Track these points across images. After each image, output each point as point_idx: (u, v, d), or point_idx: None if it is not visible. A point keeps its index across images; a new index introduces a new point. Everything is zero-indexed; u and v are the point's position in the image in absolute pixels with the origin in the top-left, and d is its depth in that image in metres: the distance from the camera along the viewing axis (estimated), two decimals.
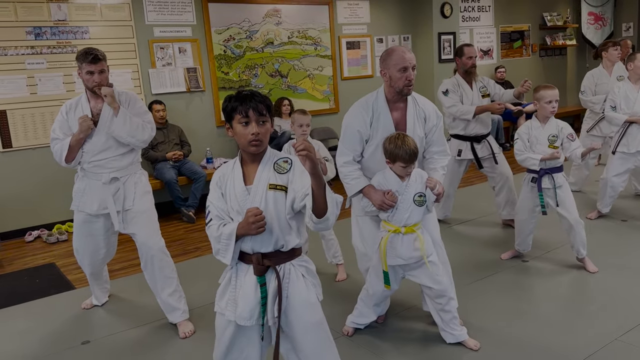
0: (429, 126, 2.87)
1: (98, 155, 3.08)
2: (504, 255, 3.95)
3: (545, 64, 9.53)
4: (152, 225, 3.18)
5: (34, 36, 5.19)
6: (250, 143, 1.89)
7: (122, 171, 3.13)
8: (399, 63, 2.72)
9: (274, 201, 1.90)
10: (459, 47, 4.46)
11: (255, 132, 1.87)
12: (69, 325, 3.34)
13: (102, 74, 3.01)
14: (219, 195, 1.97)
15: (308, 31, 6.88)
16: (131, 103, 3.13)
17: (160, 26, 5.83)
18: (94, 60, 2.97)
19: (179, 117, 6.00)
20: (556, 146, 3.52)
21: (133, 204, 3.14)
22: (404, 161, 2.58)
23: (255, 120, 1.89)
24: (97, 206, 3.14)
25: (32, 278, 4.22)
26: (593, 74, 5.31)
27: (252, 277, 1.94)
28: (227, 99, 1.95)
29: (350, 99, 7.39)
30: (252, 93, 1.91)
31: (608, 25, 9.71)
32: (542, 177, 3.55)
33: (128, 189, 3.14)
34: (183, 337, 3.07)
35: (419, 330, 2.99)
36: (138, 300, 3.62)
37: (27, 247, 5.02)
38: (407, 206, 2.65)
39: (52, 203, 5.38)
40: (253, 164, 1.96)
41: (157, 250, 3.12)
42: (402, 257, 2.69)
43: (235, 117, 1.90)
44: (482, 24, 8.59)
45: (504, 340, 2.84)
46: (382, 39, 7.58)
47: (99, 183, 3.11)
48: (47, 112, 5.31)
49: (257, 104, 1.88)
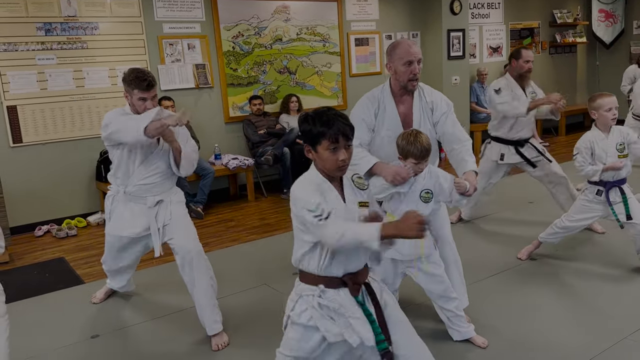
0: (437, 115, 2.81)
1: (146, 179, 2.98)
2: (522, 255, 3.88)
3: (555, 62, 9.46)
4: (190, 228, 3.09)
5: (44, 32, 5.22)
6: (338, 168, 1.86)
7: (166, 194, 3.05)
8: (403, 56, 2.70)
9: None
10: (517, 49, 4.31)
11: (344, 158, 1.83)
12: (78, 319, 3.37)
13: (154, 99, 2.90)
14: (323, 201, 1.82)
15: (317, 28, 6.87)
16: (181, 137, 3.01)
17: (169, 22, 5.85)
18: (149, 88, 2.84)
19: None
20: (625, 154, 3.40)
21: (171, 215, 3.05)
22: (415, 157, 2.56)
23: (344, 146, 1.83)
24: (141, 229, 3.04)
25: (41, 272, 4.25)
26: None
27: (350, 299, 1.89)
28: (308, 119, 1.84)
29: (359, 96, 7.36)
30: (335, 114, 1.83)
31: (619, 22, 9.62)
32: (609, 191, 3.42)
33: (166, 206, 3.05)
34: (215, 350, 2.91)
35: (426, 327, 2.99)
36: (147, 295, 3.64)
37: (37, 242, 5.05)
38: (412, 200, 2.63)
39: (61, 198, 5.41)
40: (336, 181, 1.92)
41: (196, 253, 2.99)
42: (401, 252, 2.67)
43: (322, 142, 1.82)
44: (492, 21, 8.54)
45: (512, 338, 2.83)
46: (390, 36, 7.56)
47: (144, 207, 3.01)
48: (57, 108, 5.34)
49: (345, 127, 1.81)
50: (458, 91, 7.72)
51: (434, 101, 2.82)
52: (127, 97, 2.90)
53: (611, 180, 3.43)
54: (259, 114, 6.27)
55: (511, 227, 4.61)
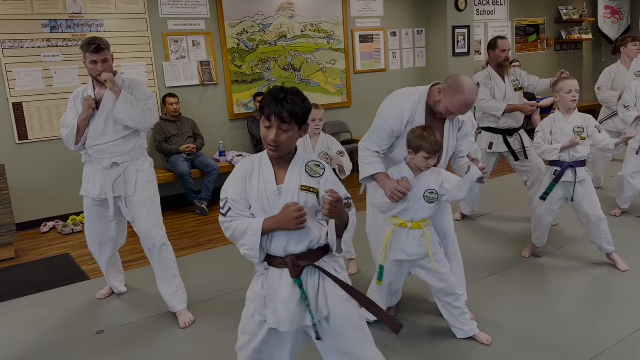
0: (462, 134, 2.85)
1: (99, 139, 3.13)
2: (525, 253, 3.90)
3: (560, 59, 9.42)
4: (153, 215, 3.22)
5: (49, 29, 5.24)
6: (268, 147, 1.86)
7: (124, 157, 3.17)
8: (454, 107, 2.59)
9: (305, 202, 1.84)
10: (493, 39, 4.37)
11: (273, 138, 1.81)
12: (83, 315, 3.39)
13: (106, 63, 3.06)
14: (241, 190, 1.88)
15: (321, 24, 6.86)
16: (135, 88, 3.17)
17: (174, 19, 5.86)
18: (97, 50, 3.03)
19: (192, 110, 6.03)
20: (583, 137, 3.45)
21: (135, 192, 3.18)
22: (427, 152, 2.53)
23: (277, 126, 1.81)
24: (99, 191, 3.19)
25: (47, 268, 4.28)
26: (610, 70, 5.22)
27: (287, 281, 1.88)
28: (269, 92, 1.86)
29: (363, 93, 7.43)
30: (284, 97, 1.81)
31: (625, 19, 9.57)
32: (565, 170, 3.49)
33: (129, 175, 3.18)
34: (183, 327, 3.12)
35: (430, 324, 2.99)
36: (152, 291, 3.64)
37: (43, 238, 5.08)
38: (416, 201, 2.62)
39: (66, 194, 5.43)
40: (282, 163, 1.90)
41: (158, 241, 3.19)
42: (407, 252, 2.67)
43: (262, 116, 1.85)
44: (497, 18, 8.51)
45: (516, 335, 2.83)
46: (395, 32, 7.54)
47: (100, 168, 3.17)
48: (63, 105, 5.36)
49: (282, 110, 1.79)
50: None
51: (464, 121, 2.83)
52: (84, 62, 3.11)
53: (568, 160, 3.48)
54: None
55: (514, 224, 4.61)
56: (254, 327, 1.97)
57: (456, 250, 2.93)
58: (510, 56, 4.41)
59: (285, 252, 1.87)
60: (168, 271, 3.24)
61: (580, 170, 3.50)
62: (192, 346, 2.96)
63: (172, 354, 2.90)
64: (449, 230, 2.88)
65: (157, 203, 3.28)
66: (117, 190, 3.19)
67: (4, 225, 4.42)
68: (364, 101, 7.36)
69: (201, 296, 3.49)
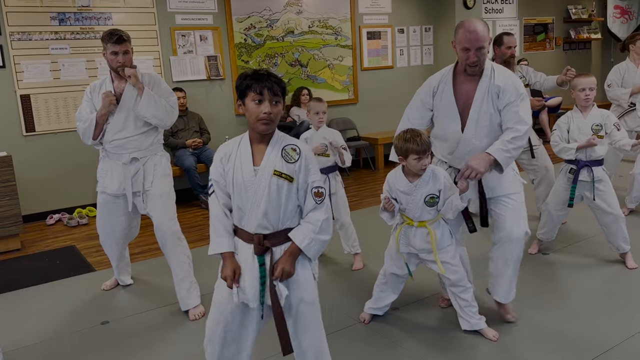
0: (503, 102, 2.62)
1: (118, 134, 3.11)
2: (532, 250, 3.87)
3: (569, 58, 9.36)
4: (168, 208, 3.20)
5: (58, 22, 5.25)
6: (261, 121, 1.89)
7: (143, 152, 3.16)
8: (461, 42, 2.58)
9: (277, 187, 1.90)
10: (499, 35, 4.32)
11: (268, 111, 1.88)
12: (89, 306, 3.39)
13: (127, 55, 3.05)
14: (221, 173, 1.98)
15: (329, 21, 6.85)
16: (155, 84, 3.15)
17: (182, 14, 5.86)
18: (119, 41, 3.01)
19: (199, 104, 6.03)
20: (601, 135, 3.39)
21: (152, 186, 3.17)
22: (416, 152, 2.50)
23: (269, 99, 1.88)
24: (117, 186, 3.18)
25: (52, 260, 4.29)
26: (620, 68, 5.19)
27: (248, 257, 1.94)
28: (242, 76, 1.93)
29: (370, 90, 7.41)
30: (268, 73, 1.92)
31: (634, 19, 9.50)
32: (580, 170, 3.43)
33: (147, 170, 3.17)
34: (193, 319, 3.11)
35: (436, 318, 2.98)
36: (158, 283, 3.65)
37: (48, 230, 5.09)
38: (416, 207, 2.62)
39: (73, 187, 5.45)
40: (261, 144, 1.95)
41: (170, 235, 3.15)
42: (414, 247, 2.71)
43: (249, 94, 1.90)
44: (506, 16, 8.46)
45: (523, 331, 2.81)
46: (403, 30, 7.52)
47: (119, 163, 3.15)
48: (70, 97, 5.37)
49: (273, 84, 1.89)
50: None
51: (502, 87, 2.61)
52: (104, 54, 3.08)
53: (584, 159, 3.43)
54: None
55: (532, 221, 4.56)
56: (223, 299, 2.00)
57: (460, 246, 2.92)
58: (515, 53, 4.36)
59: (256, 230, 1.93)
60: (182, 266, 3.19)
61: (597, 170, 3.44)
62: (196, 337, 2.95)
63: (177, 344, 2.89)
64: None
65: (173, 197, 3.26)
66: (135, 186, 3.17)
67: (10, 216, 4.43)
68: (371, 98, 7.35)
69: (208, 289, 3.47)
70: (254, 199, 1.90)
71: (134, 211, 3.30)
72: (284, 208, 1.92)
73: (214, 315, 2.05)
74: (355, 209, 5.18)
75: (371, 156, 7.19)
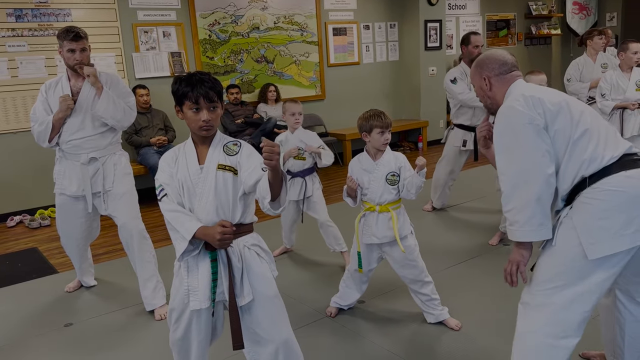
0: None
1: (75, 134, 3.05)
2: (493, 241, 3.96)
3: (530, 53, 9.59)
4: (131, 207, 3.16)
5: (14, 18, 5.10)
6: (201, 128, 1.91)
7: (101, 151, 3.11)
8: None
9: (223, 181, 1.93)
10: (466, 35, 4.40)
11: (206, 119, 1.89)
12: (52, 308, 3.33)
13: (84, 52, 2.98)
14: (170, 175, 1.97)
15: (294, 17, 6.84)
16: (113, 84, 3.09)
17: (144, 9, 5.77)
18: (76, 38, 2.94)
19: (163, 102, 5.95)
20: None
21: (113, 186, 3.13)
22: (379, 127, 2.66)
23: (206, 107, 1.89)
24: (77, 187, 3.12)
25: (14, 262, 4.18)
26: (578, 62, 5.35)
27: (199, 255, 1.95)
28: (176, 81, 1.92)
29: (337, 86, 7.44)
30: (202, 78, 1.89)
31: (592, 14, 9.79)
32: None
33: (107, 170, 3.12)
34: (159, 319, 3.07)
35: (401, 310, 3.03)
36: (122, 284, 3.61)
37: (9, 232, 4.96)
38: (378, 185, 2.69)
39: (34, 188, 5.32)
40: (204, 145, 1.98)
41: (136, 233, 3.12)
42: (377, 235, 2.72)
43: (185, 102, 1.90)
44: (469, 12, 8.60)
45: (485, 321, 2.88)
46: (368, 26, 7.57)
47: (77, 164, 3.09)
48: (29, 96, 5.23)
49: (208, 90, 1.88)
50: (435, 82, 7.78)
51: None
52: (60, 52, 3.00)
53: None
54: (236, 103, 6.23)
55: (482, 215, 4.68)
56: (179, 304, 2.00)
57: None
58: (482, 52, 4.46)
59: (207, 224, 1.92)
60: (147, 266, 3.15)
61: None
62: (162, 337, 2.93)
63: (142, 345, 2.87)
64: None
65: (135, 196, 3.22)
66: (95, 186, 3.12)
67: None
68: (338, 94, 7.38)
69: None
70: (201, 196, 1.92)
71: (94, 212, 3.24)
72: (233, 201, 1.94)
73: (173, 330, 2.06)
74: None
75: (339, 152, 7.23)
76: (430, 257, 3.33)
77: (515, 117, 1.86)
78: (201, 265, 1.95)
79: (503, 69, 2.05)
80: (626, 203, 1.74)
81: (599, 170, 1.80)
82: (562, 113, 1.85)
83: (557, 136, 1.85)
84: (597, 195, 1.78)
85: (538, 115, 1.84)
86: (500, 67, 2.05)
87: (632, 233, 1.74)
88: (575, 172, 1.83)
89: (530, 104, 1.85)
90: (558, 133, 1.84)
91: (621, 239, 1.73)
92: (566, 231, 1.83)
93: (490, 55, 2.11)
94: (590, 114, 1.91)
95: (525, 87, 1.99)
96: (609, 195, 1.76)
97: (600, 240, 1.74)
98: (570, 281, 1.81)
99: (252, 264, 1.99)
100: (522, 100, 1.86)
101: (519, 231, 1.91)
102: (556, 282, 1.83)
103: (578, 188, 1.83)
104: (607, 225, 1.74)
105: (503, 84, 2.04)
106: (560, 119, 1.85)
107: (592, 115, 1.91)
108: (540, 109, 1.85)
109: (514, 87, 2.02)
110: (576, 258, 1.79)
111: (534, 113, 1.84)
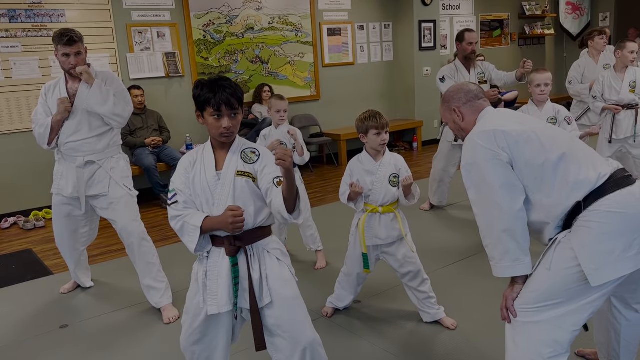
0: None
1: (72, 136, 3.04)
2: None
3: (524, 53, 9.61)
4: (130, 210, 3.15)
5: (8, 19, 5.08)
6: (222, 135, 1.91)
7: (98, 155, 3.09)
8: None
9: (241, 187, 1.92)
10: (460, 32, 4.45)
11: (227, 126, 1.88)
12: (47, 310, 3.32)
13: (79, 56, 2.97)
14: (186, 181, 1.96)
15: (289, 17, 6.84)
16: (109, 81, 3.09)
17: (138, 10, 5.75)
18: (70, 42, 2.92)
19: (157, 102, 5.94)
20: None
21: (109, 190, 3.10)
22: (375, 128, 2.66)
23: (228, 114, 1.88)
24: (72, 189, 3.11)
25: (8, 264, 4.17)
26: (579, 64, 5.32)
27: (219, 260, 1.95)
28: (198, 85, 1.90)
29: (332, 86, 7.44)
30: (223, 84, 1.88)
31: (585, 14, 9.83)
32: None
33: (103, 174, 3.10)
34: (167, 323, 3.04)
35: (397, 310, 3.03)
36: (118, 285, 3.60)
37: (3, 234, 4.94)
38: (382, 186, 2.69)
39: (28, 189, 5.30)
40: (222, 150, 1.97)
41: (137, 236, 3.10)
42: (380, 237, 2.73)
43: (207, 109, 1.89)
44: (463, 12, 8.62)
45: (481, 320, 2.89)
46: (363, 26, 7.58)
47: (73, 166, 3.08)
48: (23, 97, 5.21)
49: (229, 97, 1.87)
50: (429, 82, 7.79)
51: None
52: (56, 55, 2.99)
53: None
54: None
55: None
56: (196, 308, 1.99)
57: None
58: (476, 50, 4.50)
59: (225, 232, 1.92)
60: (151, 267, 3.14)
61: None
62: (158, 338, 2.93)
63: (138, 346, 2.86)
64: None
65: (134, 199, 3.19)
66: (90, 190, 3.10)
67: None
68: (333, 94, 7.38)
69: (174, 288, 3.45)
70: (219, 202, 1.90)
71: (91, 214, 3.23)
72: (254, 205, 1.93)
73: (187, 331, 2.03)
74: (319, 205, 5.22)
75: (334, 152, 7.24)
76: (427, 256, 3.33)
77: (478, 153, 1.86)
78: (222, 270, 1.94)
79: (469, 96, 2.05)
80: (626, 225, 1.71)
81: (592, 192, 1.76)
82: (531, 142, 1.82)
83: (529, 166, 1.81)
84: (595, 217, 1.73)
85: (501, 150, 1.82)
86: (467, 95, 2.06)
87: (634, 255, 1.70)
88: (565, 198, 1.79)
89: (492, 139, 1.84)
90: (529, 163, 1.81)
91: (624, 262, 1.70)
92: (564, 251, 1.79)
93: (453, 89, 2.13)
94: (563, 137, 1.89)
95: (490, 120, 1.97)
96: (608, 218, 1.72)
97: (603, 265, 1.70)
98: (564, 300, 1.78)
99: (271, 267, 1.98)
100: (484, 136, 1.86)
101: (495, 267, 1.94)
102: (548, 300, 1.81)
103: (574, 213, 1.78)
104: (609, 249, 1.70)
105: (473, 111, 2.04)
106: (529, 149, 1.82)
107: (566, 138, 1.89)
108: (503, 143, 1.83)
109: (483, 116, 2.01)
110: (573, 280, 1.75)
111: (497, 149, 1.83)
